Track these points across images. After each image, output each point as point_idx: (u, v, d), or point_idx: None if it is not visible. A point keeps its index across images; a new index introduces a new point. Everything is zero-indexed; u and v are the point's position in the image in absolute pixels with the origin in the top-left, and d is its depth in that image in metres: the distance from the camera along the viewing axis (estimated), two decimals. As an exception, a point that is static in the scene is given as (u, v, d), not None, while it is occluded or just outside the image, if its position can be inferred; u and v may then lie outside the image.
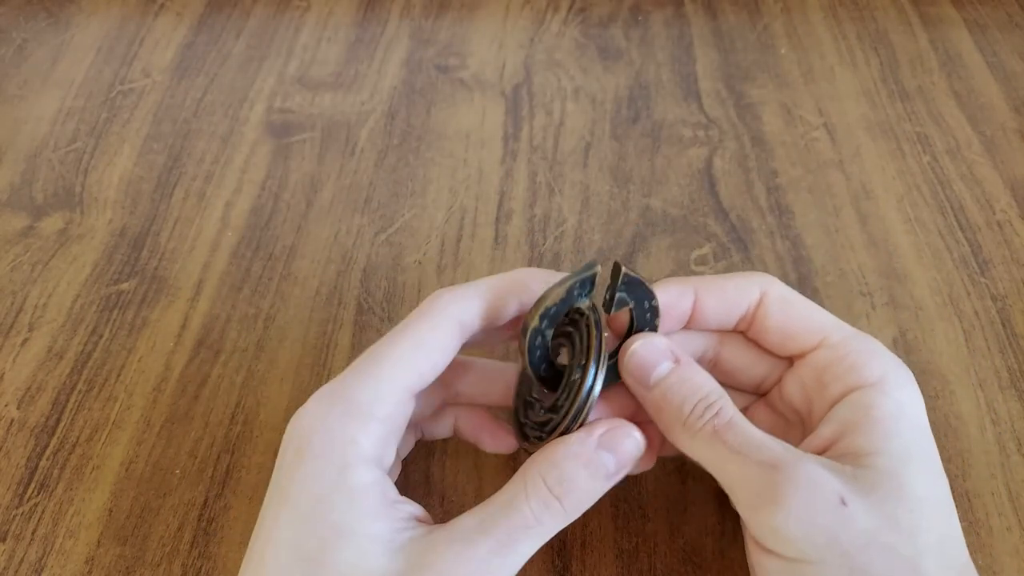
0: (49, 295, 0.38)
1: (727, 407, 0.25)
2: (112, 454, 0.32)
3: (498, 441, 0.29)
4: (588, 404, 0.24)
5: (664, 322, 0.27)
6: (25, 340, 0.36)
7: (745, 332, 0.28)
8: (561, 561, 0.29)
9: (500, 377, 0.30)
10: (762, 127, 0.45)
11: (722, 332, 0.29)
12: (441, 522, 0.25)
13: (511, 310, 0.27)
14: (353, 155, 0.44)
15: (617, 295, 0.26)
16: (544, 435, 0.25)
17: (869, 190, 0.42)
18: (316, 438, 0.24)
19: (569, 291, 0.25)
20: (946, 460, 0.32)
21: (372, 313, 0.37)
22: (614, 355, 0.27)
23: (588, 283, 0.25)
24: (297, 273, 0.39)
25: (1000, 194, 0.42)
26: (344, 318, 0.37)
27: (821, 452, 0.25)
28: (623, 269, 0.26)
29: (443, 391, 0.29)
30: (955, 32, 0.51)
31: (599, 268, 0.26)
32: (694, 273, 0.38)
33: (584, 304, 0.26)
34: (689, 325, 0.28)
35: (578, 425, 0.25)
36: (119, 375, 0.35)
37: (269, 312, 0.37)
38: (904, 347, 0.36)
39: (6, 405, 0.34)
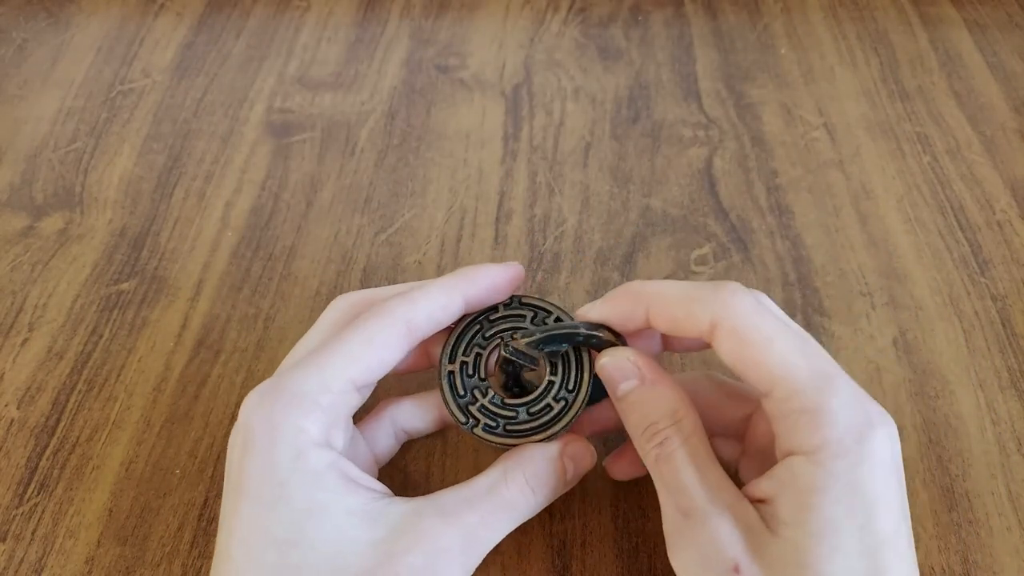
0: (49, 295, 0.38)
1: (673, 438, 0.25)
2: (112, 454, 0.32)
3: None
4: (573, 413, 0.28)
5: (623, 329, 0.28)
6: (25, 340, 0.36)
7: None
8: (561, 561, 0.29)
9: (434, 405, 0.31)
10: (762, 127, 0.45)
11: (695, 380, 0.30)
12: (391, 492, 0.26)
13: (457, 306, 0.28)
14: (353, 155, 0.44)
15: (544, 348, 0.28)
16: (511, 430, 0.28)
17: (869, 190, 0.42)
18: (262, 430, 0.24)
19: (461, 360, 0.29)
20: (946, 460, 0.32)
21: (372, 313, 0.37)
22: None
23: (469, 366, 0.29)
24: (297, 273, 0.39)
25: (1000, 194, 0.42)
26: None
27: (758, 502, 0.24)
28: (501, 355, 0.28)
29: (393, 428, 0.30)
30: (955, 32, 0.51)
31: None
32: (694, 274, 0.38)
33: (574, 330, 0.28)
34: (652, 332, 0.28)
35: (565, 429, 0.28)
36: (119, 375, 0.35)
37: (269, 312, 0.37)
38: (904, 347, 0.36)
39: (6, 405, 0.34)
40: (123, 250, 0.40)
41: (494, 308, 0.29)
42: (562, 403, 0.28)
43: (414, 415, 0.31)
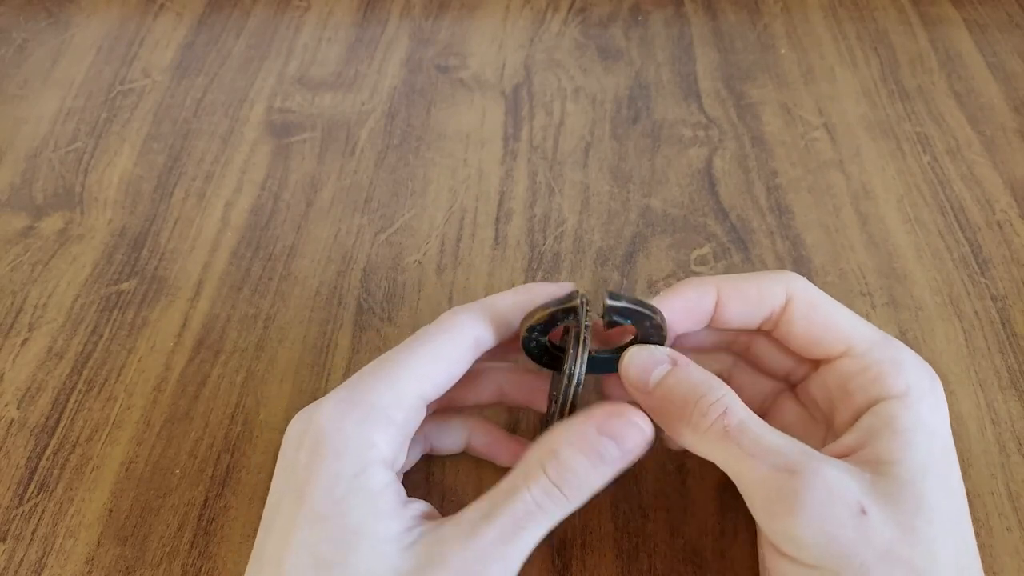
0: (49, 295, 0.38)
1: (735, 406, 0.24)
2: (112, 454, 0.32)
3: (514, 456, 0.29)
4: (572, 389, 0.25)
5: (684, 323, 0.27)
6: (25, 340, 0.36)
7: (771, 332, 0.28)
8: (561, 561, 0.29)
9: (492, 378, 0.30)
10: (762, 127, 0.45)
11: (727, 360, 0.29)
12: (435, 512, 0.25)
13: (517, 324, 0.27)
14: (353, 155, 0.44)
15: (612, 318, 0.26)
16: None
17: (869, 190, 0.42)
18: (334, 439, 0.24)
19: (552, 316, 0.26)
20: (946, 460, 0.32)
21: (372, 313, 0.37)
22: (619, 351, 0.27)
23: (568, 313, 0.26)
24: (297, 273, 0.39)
25: (1000, 194, 0.42)
26: (344, 318, 0.37)
27: (841, 457, 0.24)
28: (607, 303, 0.26)
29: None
30: (955, 32, 0.51)
31: (576, 302, 0.26)
32: (693, 274, 0.38)
33: (571, 322, 0.26)
34: (712, 325, 0.28)
35: (568, 410, 0.25)
36: (119, 375, 0.35)
37: (269, 312, 0.37)
38: (904, 347, 0.36)
39: (6, 405, 0.34)
40: (123, 250, 0.40)
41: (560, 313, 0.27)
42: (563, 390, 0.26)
43: (445, 433, 0.31)
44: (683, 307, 0.27)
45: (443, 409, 0.30)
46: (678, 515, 0.31)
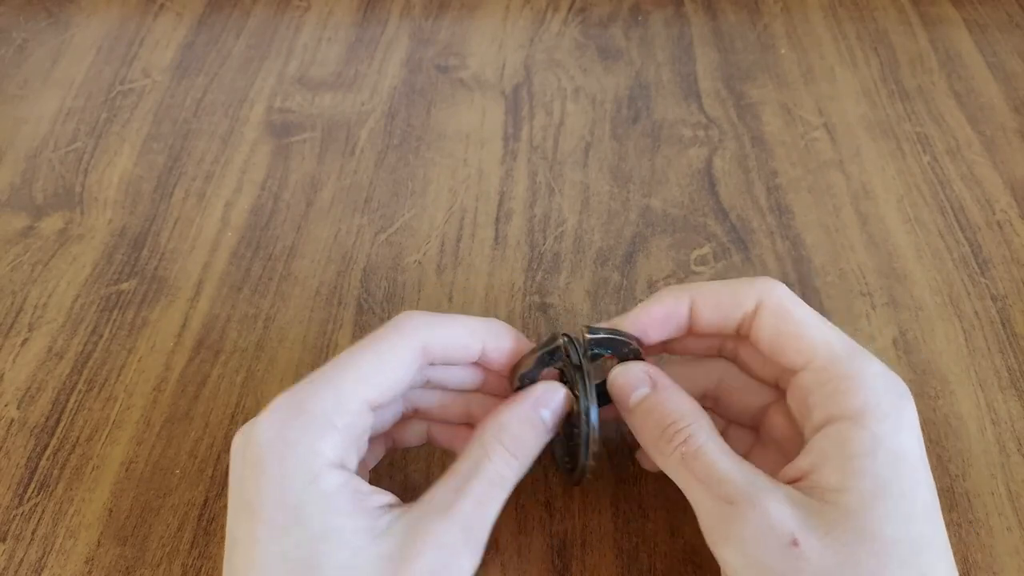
0: (49, 295, 0.38)
1: (698, 433, 0.25)
2: (112, 454, 0.32)
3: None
4: (591, 435, 0.27)
5: (664, 328, 0.28)
6: (25, 340, 0.36)
7: (747, 338, 0.28)
8: (561, 561, 0.29)
9: (458, 397, 0.30)
10: (762, 127, 0.45)
11: (721, 366, 0.30)
12: (399, 501, 0.26)
13: (474, 350, 0.28)
14: (353, 155, 0.44)
15: (592, 351, 0.28)
16: (568, 468, 0.28)
17: (869, 190, 0.42)
18: (276, 450, 0.24)
19: (539, 360, 0.27)
20: (946, 460, 0.32)
21: (372, 313, 0.37)
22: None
23: (555, 354, 0.27)
24: (297, 273, 0.39)
25: (1000, 194, 0.42)
26: (344, 318, 0.37)
27: (793, 482, 0.24)
28: (587, 336, 0.27)
29: (404, 404, 0.30)
30: (955, 32, 0.51)
31: (561, 340, 0.27)
32: (694, 274, 0.38)
33: (562, 342, 0.28)
34: (691, 332, 0.28)
35: (592, 457, 0.27)
36: (119, 375, 0.35)
37: (269, 312, 0.37)
38: (904, 347, 0.36)
39: (6, 405, 0.34)
40: (123, 250, 0.40)
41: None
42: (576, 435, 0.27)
43: (408, 427, 0.31)
44: (661, 314, 0.28)
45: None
46: (678, 515, 0.31)
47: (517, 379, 0.28)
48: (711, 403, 0.30)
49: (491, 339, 0.28)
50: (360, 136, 0.45)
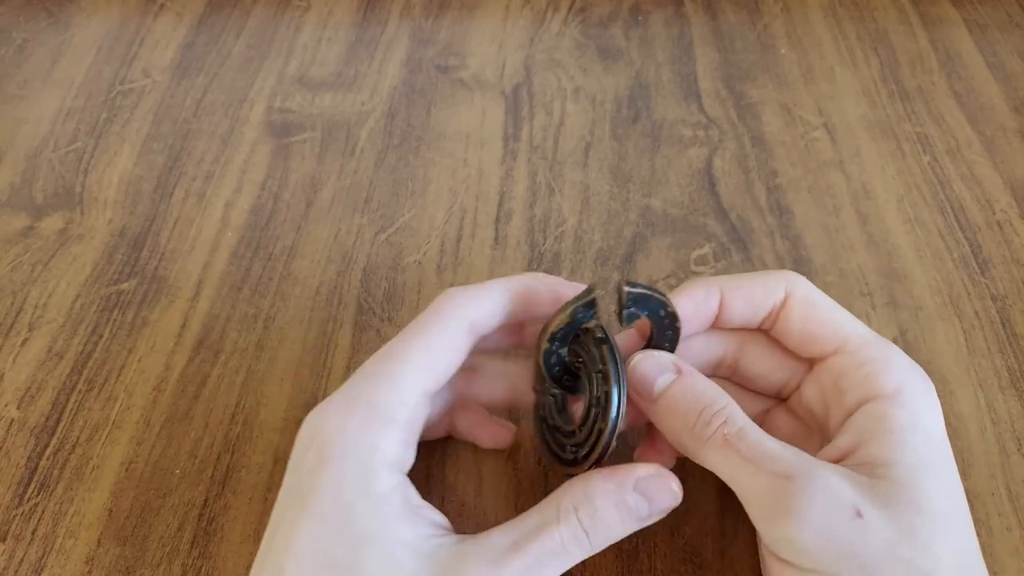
0: (49, 295, 0.38)
1: (736, 415, 0.24)
2: (112, 454, 0.32)
3: (495, 437, 0.30)
4: (616, 426, 0.25)
5: (692, 323, 0.27)
6: (25, 340, 0.36)
7: (769, 331, 0.28)
8: (561, 561, 0.29)
9: (504, 377, 0.30)
10: (762, 127, 0.45)
11: (743, 336, 0.29)
12: (450, 525, 0.25)
13: (520, 312, 0.27)
14: (353, 155, 0.44)
15: (626, 311, 0.26)
16: (579, 457, 0.26)
17: (869, 190, 0.42)
18: (338, 443, 0.24)
19: (573, 315, 0.26)
20: (946, 460, 0.32)
21: (372, 313, 0.37)
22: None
23: (590, 307, 0.26)
24: (297, 273, 0.39)
25: (1000, 194, 0.42)
26: (344, 318, 0.37)
27: (837, 461, 0.24)
28: (625, 289, 0.26)
29: (451, 393, 0.29)
30: (955, 32, 0.51)
31: (597, 292, 0.26)
32: (694, 273, 0.38)
33: (592, 323, 0.26)
34: (716, 325, 0.28)
35: (609, 447, 0.25)
36: (119, 375, 0.35)
37: (269, 312, 0.37)
38: (904, 347, 0.35)
39: (6, 405, 0.34)
40: (123, 250, 0.40)
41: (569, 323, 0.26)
42: (598, 420, 0.26)
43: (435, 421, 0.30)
44: (692, 305, 0.27)
45: None
46: (678, 515, 0.30)
47: (547, 339, 0.26)
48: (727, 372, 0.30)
49: (532, 299, 0.27)
50: (360, 136, 0.45)
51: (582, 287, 0.27)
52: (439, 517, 0.25)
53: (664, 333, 0.27)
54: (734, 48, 0.50)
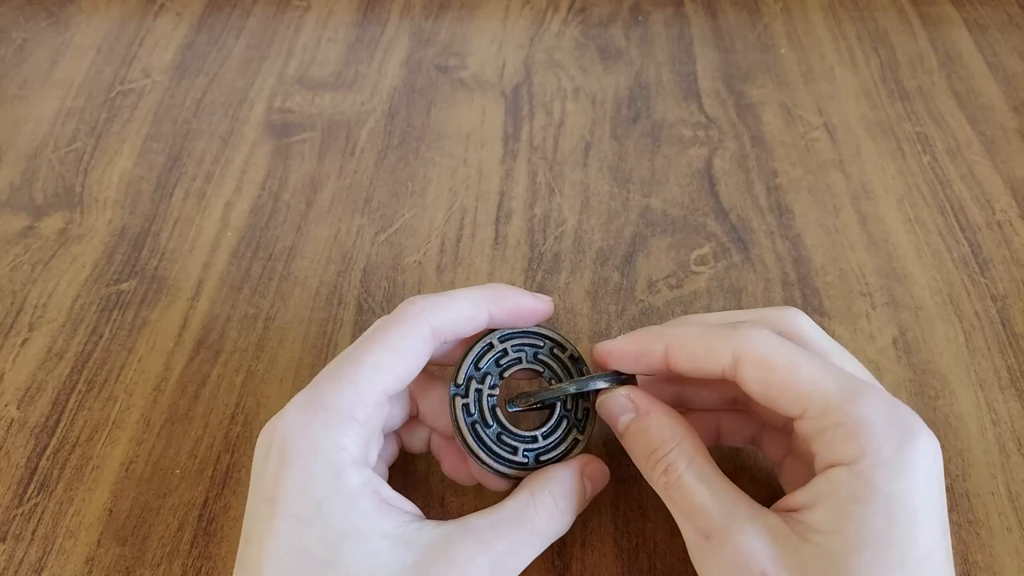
0: (49, 295, 0.38)
1: (677, 461, 0.25)
2: (112, 454, 0.32)
3: (455, 470, 0.30)
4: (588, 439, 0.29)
5: (636, 366, 0.28)
6: (25, 340, 0.36)
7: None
8: (561, 561, 0.29)
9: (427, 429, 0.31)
10: (762, 127, 0.45)
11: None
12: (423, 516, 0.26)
13: (481, 319, 0.28)
14: (353, 155, 0.44)
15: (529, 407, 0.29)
16: (535, 460, 0.28)
17: (869, 190, 0.42)
18: (301, 444, 0.24)
19: (475, 359, 0.29)
20: (946, 460, 0.32)
21: (372, 313, 0.37)
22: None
23: (484, 351, 0.29)
24: (297, 273, 0.39)
25: (1000, 194, 0.42)
26: (344, 318, 0.37)
27: (787, 511, 0.24)
28: (510, 410, 0.29)
29: (411, 404, 0.30)
30: (955, 32, 0.51)
31: (493, 340, 0.29)
32: (694, 273, 0.38)
33: (567, 352, 0.30)
34: (671, 373, 0.28)
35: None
36: (119, 375, 0.35)
37: (269, 312, 0.37)
38: (904, 347, 0.36)
39: (6, 405, 0.34)
40: (123, 250, 0.40)
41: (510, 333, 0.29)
42: (574, 431, 0.29)
43: (414, 434, 0.31)
44: (633, 352, 0.28)
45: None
46: (678, 515, 0.31)
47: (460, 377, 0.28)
48: (743, 406, 0.30)
49: (494, 305, 0.28)
50: (360, 136, 0.45)
51: (545, 299, 0.29)
52: (410, 506, 0.26)
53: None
54: (734, 48, 0.50)
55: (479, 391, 0.28)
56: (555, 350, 0.30)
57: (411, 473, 0.32)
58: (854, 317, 0.37)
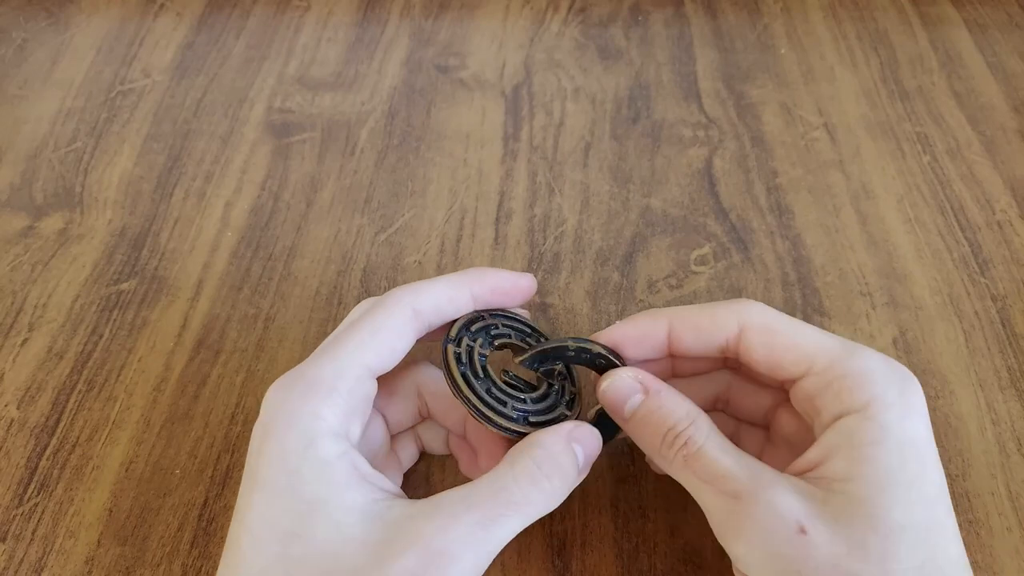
0: (49, 295, 0.38)
1: (696, 435, 0.25)
2: (112, 454, 0.32)
3: (471, 469, 0.30)
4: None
5: (639, 349, 0.28)
6: (25, 340, 0.36)
7: (738, 360, 0.28)
8: (561, 561, 0.29)
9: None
10: (762, 127, 0.45)
11: (732, 371, 0.30)
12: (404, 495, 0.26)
13: (463, 300, 0.28)
14: (353, 155, 0.44)
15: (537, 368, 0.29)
16: (522, 419, 0.27)
17: (869, 190, 0.42)
18: (280, 416, 0.24)
19: (465, 324, 0.28)
20: (946, 460, 0.32)
21: (372, 313, 0.37)
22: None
23: (476, 319, 0.29)
24: (297, 273, 0.39)
25: (1000, 194, 0.42)
26: (344, 318, 0.37)
27: (802, 473, 0.25)
28: (516, 360, 0.29)
29: (422, 403, 0.30)
30: (955, 32, 0.51)
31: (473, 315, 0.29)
32: (694, 273, 0.38)
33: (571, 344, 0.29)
34: (671, 353, 0.28)
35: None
36: (119, 375, 0.35)
37: (269, 312, 0.37)
38: (904, 347, 0.36)
39: (6, 405, 0.34)
40: (123, 250, 0.40)
41: (501, 313, 0.30)
42: (562, 406, 0.28)
43: (433, 433, 0.31)
44: (636, 335, 0.28)
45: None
46: (678, 515, 0.31)
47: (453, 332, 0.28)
48: (722, 405, 0.30)
49: (475, 284, 0.28)
50: (360, 136, 0.45)
51: (527, 275, 0.29)
52: (388, 484, 0.25)
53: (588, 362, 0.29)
54: (734, 48, 0.50)
55: (471, 348, 0.28)
56: (542, 340, 0.30)
57: (411, 473, 0.32)
58: (854, 317, 0.37)
